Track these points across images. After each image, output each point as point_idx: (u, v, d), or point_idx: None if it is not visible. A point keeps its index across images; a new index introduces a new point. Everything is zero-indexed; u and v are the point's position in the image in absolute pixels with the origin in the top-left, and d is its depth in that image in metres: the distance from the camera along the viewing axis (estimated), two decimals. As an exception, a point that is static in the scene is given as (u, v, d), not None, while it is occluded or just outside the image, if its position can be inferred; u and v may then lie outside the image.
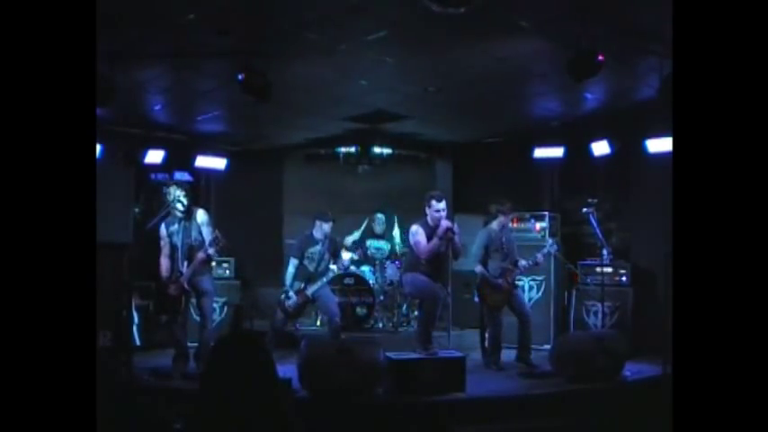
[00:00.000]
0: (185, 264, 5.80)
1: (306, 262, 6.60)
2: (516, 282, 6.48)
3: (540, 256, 6.42)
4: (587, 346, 5.56)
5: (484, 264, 6.35)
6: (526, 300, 6.92)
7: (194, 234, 5.86)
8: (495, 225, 6.50)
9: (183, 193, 5.82)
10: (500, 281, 6.26)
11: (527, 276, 7.28)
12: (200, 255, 5.75)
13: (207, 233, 5.83)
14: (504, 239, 6.45)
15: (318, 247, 6.61)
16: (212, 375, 1.85)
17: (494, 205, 6.54)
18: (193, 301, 6.02)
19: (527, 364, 6.15)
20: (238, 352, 1.86)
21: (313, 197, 8.72)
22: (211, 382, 1.84)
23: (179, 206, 5.80)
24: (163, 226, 5.94)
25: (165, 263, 5.92)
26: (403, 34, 4.91)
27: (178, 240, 5.84)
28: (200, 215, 5.92)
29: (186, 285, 5.80)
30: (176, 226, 5.88)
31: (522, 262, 6.41)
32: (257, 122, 7.80)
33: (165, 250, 5.91)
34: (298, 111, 7.21)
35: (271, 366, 1.87)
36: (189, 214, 5.88)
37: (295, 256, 6.60)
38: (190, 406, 1.94)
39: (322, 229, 6.60)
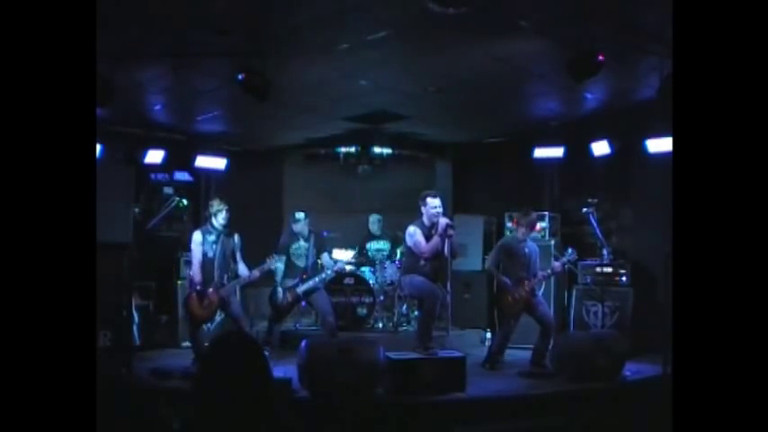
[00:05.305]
0: (225, 276, 6.06)
1: (293, 258, 6.65)
2: (535, 289, 6.32)
3: (557, 265, 6.34)
4: (587, 346, 5.57)
5: (498, 269, 6.28)
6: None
7: (228, 253, 6.11)
8: (519, 234, 6.40)
9: (226, 212, 6.05)
10: (518, 290, 6.16)
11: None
12: (254, 273, 6.09)
13: (239, 257, 6.18)
14: (526, 249, 6.37)
15: (302, 243, 6.68)
16: (205, 376, 1.86)
17: (516, 214, 6.47)
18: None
19: (540, 366, 6.06)
20: (231, 353, 1.87)
21: (313, 197, 8.71)
22: (204, 382, 1.84)
23: (220, 222, 6.05)
24: (198, 233, 6.13)
25: (199, 271, 6.03)
26: (403, 34, 4.91)
27: (212, 252, 6.04)
28: (238, 239, 6.21)
29: (224, 296, 6.01)
30: (214, 237, 6.08)
31: (541, 273, 6.32)
32: (257, 122, 7.80)
33: (198, 258, 6.05)
34: (298, 111, 7.21)
35: (264, 367, 1.88)
36: (229, 232, 6.14)
37: (282, 253, 6.64)
38: (187, 406, 1.94)
39: (297, 227, 6.68)
